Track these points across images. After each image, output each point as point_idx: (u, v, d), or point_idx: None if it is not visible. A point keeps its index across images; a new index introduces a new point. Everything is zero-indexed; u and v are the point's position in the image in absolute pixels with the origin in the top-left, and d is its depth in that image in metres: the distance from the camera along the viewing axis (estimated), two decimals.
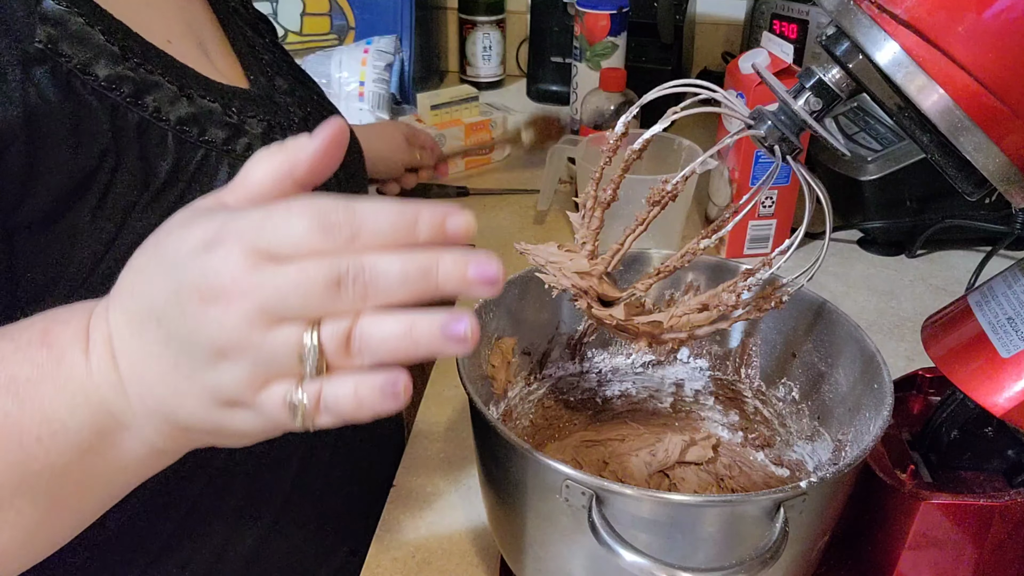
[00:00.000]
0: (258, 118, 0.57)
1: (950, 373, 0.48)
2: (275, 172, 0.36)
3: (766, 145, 0.46)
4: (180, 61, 0.53)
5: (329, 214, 0.32)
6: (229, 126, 0.54)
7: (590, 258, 0.49)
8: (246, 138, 0.55)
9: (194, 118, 0.52)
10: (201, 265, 0.33)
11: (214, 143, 0.52)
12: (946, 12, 0.37)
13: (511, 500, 0.48)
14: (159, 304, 0.35)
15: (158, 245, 0.37)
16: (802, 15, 1.19)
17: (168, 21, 0.56)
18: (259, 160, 0.37)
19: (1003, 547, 0.51)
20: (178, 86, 0.52)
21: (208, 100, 0.54)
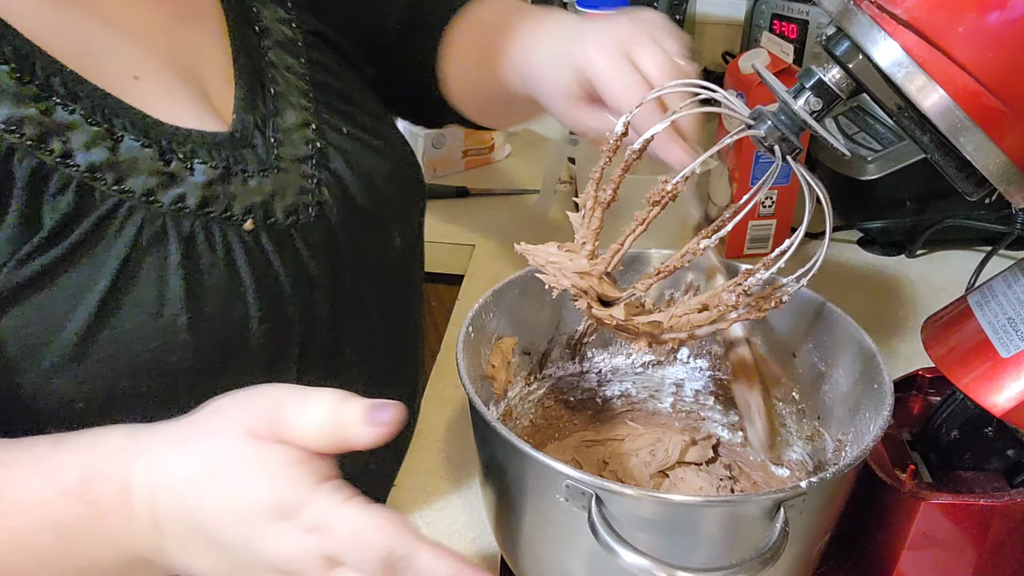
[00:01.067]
0: (211, 164, 0.52)
1: (950, 373, 0.48)
2: (326, 437, 0.40)
3: (766, 145, 0.46)
4: (124, 101, 0.50)
5: (395, 553, 0.38)
6: (160, 174, 0.50)
7: (590, 258, 0.49)
8: (180, 188, 0.50)
9: (113, 164, 0.48)
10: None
11: (131, 192, 0.48)
12: (946, 12, 0.37)
13: (511, 500, 0.48)
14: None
15: (216, 519, 0.40)
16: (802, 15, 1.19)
17: (144, 54, 0.53)
18: (315, 413, 0.40)
19: (1003, 547, 0.51)
20: (105, 128, 0.48)
21: (142, 144, 0.50)
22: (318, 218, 0.57)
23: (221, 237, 0.51)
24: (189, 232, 0.50)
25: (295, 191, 0.56)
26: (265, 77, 0.60)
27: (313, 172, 0.58)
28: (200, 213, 0.50)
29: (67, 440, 0.42)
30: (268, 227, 0.54)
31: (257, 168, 0.55)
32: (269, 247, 0.54)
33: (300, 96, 0.61)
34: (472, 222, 1.08)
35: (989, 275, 0.54)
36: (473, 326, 0.54)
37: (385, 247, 0.65)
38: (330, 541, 0.38)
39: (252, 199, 0.53)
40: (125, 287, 0.47)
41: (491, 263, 0.98)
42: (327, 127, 0.61)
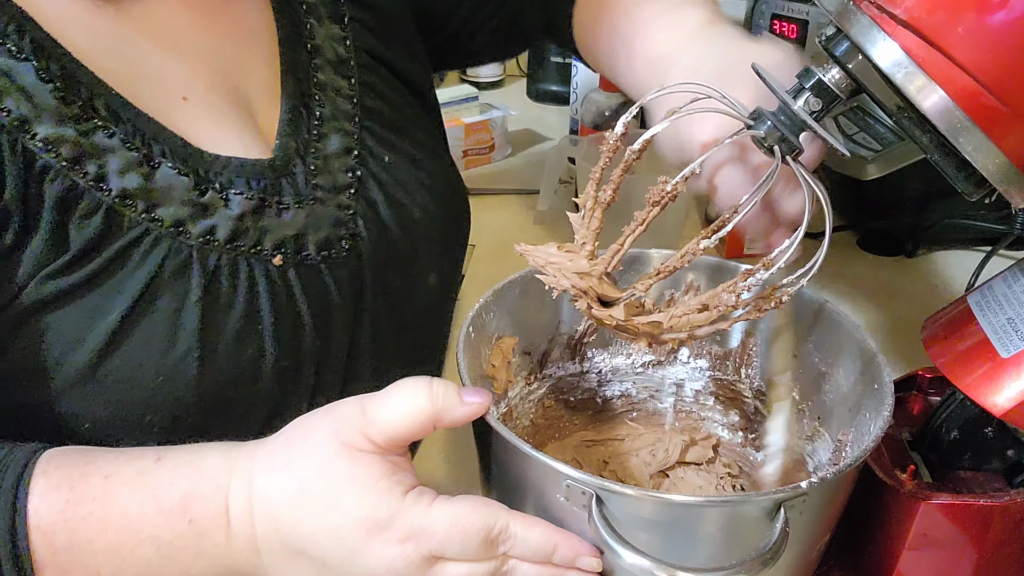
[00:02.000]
0: (247, 195, 0.51)
1: (950, 373, 0.48)
2: (412, 422, 0.42)
3: (766, 145, 0.46)
4: (166, 127, 0.49)
5: (492, 529, 0.42)
6: (193, 204, 0.49)
7: (590, 259, 0.49)
8: (211, 219, 0.49)
9: (145, 191, 0.47)
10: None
11: (159, 221, 0.48)
12: (945, 12, 0.37)
13: (511, 500, 0.48)
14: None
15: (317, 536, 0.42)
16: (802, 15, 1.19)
17: (194, 73, 0.53)
18: (403, 399, 0.42)
19: (1003, 547, 0.51)
20: (144, 154, 0.48)
21: (179, 172, 0.49)
22: (350, 252, 0.56)
23: (247, 273, 0.50)
24: (214, 266, 0.49)
25: (330, 223, 0.55)
26: (311, 99, 0.58)
27: (350, 203, 0.57)
28: (228, 247, 0.50)
29: (168, 457, 0.43)
30: (298, 262, 0.53)
31: (293, 200, 0.54)
32: (295, 282, 0.52)
33: (346, 120, 0.59)
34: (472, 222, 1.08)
35: (989, 275, 0.54)
36: (473, 326, 0.54)
37: (417, 285, 0.62)
38: (428, 542, 0.41)
39: (284, 232, 0.52)
40: (140, 318, 0.47)
41: (491, 263, 0.98)
42: (370, 155, 0.60)
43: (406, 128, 0.64)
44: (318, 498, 0.41)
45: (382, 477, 0.42)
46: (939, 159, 0.42)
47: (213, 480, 0.43)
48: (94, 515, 0.41)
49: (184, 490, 0.42)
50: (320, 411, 0.44)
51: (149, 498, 0.42)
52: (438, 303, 0.67)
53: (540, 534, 0.43)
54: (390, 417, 0.42)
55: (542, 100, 1.44)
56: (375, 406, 0.43)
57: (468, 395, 0.44)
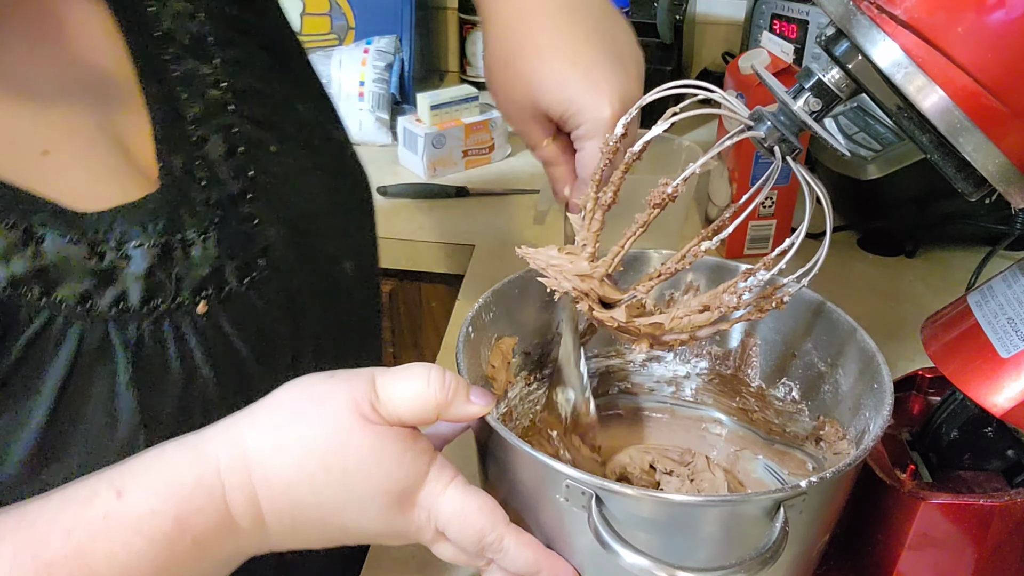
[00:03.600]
0: (147, 245, 0.45)
1: (950, 373, 0.48)
2: (420, 408, 0.43)
3: (766, 146, 0.46)
4: (41, 197, 0.42)
5: (487, 536, 0.44)
6: (94, 274, 0.43)
7: (591, 260, 0.49)
8: (118, 285, 0.43)
9: (37, 273, 0.41)
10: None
11: (62, 303, 0.41)
12: (945, 13, 0.37)
13: (511, 500, 0.48)
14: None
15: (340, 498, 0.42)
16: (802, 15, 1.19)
17: (47, 119, 0.45)
18: (414, 383, 0.43)
19: (1003, 547, 0.51)
20: (23, 229, 0.41)
21: (70, 240, 0.42)
22: (269, 267, 0.51)
23: (173, 332, 0.45)
24: (137, 338, 0.44)
25: (241, 243, 0.49)
26: (178, 101, 0.50)
27: (251, 211, 0.51)
28: (146, 311, 0.44)
29: (128, 485, 0.40)
30: (223, 300, 0.48)
31: (196, 231, 0.47)
32: (226, 322, 0.48)
33: (220, 114, 0.52)
34: (472, 222, 1.08)
35: (989, 275, 0.54)
36: (473, 326, 0.54)
37: (336, 276, 0.58)
38: (437, 517, 0.43)
39: (200, 272, 0.47)
40: (67, 417, 0.42)
41: (491, 263, 0.98)
42: (257, 149, 0.53)
43: (287, 106, 0.57)
44: (344, 471, 0.41)
45: (408, 449, 0.42)
46: (939, 159, 0.42)
47: (199, 488, 0.40)
48: (75, 574, 0.38)
49: (172, 512, 0.39)
50: (323, 378, 0.43)
51: (133, 536, 0.38)
52: (361, 290, 0.63)
53: (530, 555, 0.45)
54: (399, 398, 0.42)
55: None
56: (386, 383, 0.43)
57: (475, 395, 0.45)
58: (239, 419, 0.42)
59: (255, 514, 0.41)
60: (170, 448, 0.41)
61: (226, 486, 0.40)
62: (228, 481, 0.40)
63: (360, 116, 1.28)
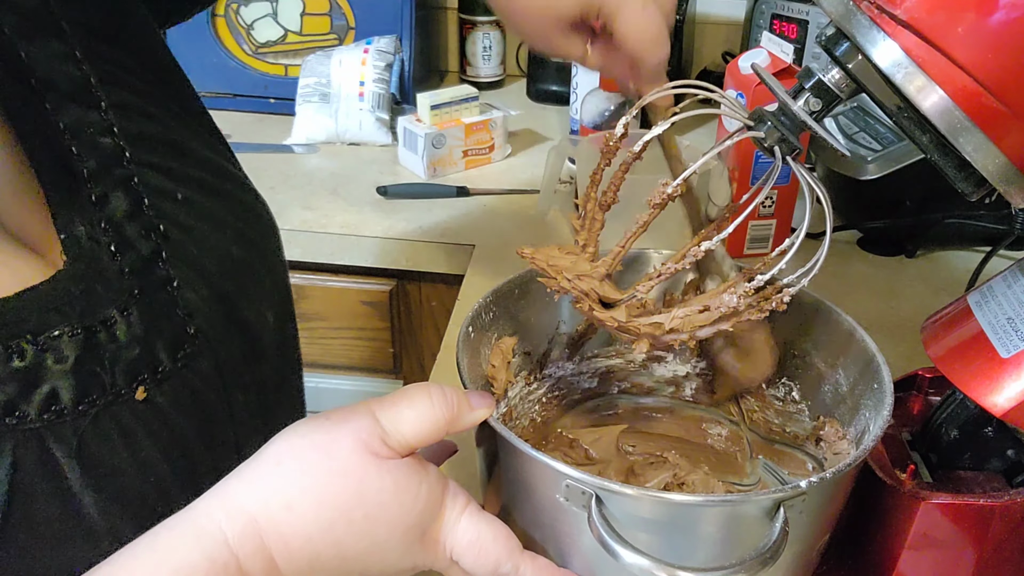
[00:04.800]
0: (68, 333, 0.40)
1: (950, 373, 0.48)
2: (431, 429, 0.42)
3: (765, 146, 0.46)
4: None
5: (502, 567, 0.43)
6: (15, 375, 0.38)
7: (591, 260, 0.49)
8: (45, 385, 0.38)
9: None
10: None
11: None
12: (945, 13, 0.37)
13: (511, 500, 0.48)
14: None
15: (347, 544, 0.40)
16: (802, 15, 1.19)
17: None
18: (419, 406, 0.42)
19: (1003, 547, 0.51)
20: None
21: None
22: (199, 335, 0.47)
23: (115, 427, 0.41)
24: (78, 441, 0.39)
25: (164, 313, 0.45)
26: (69, 156, 0.44)
27: (168, 272, 0.46)
28: (82, 409, 0.40)
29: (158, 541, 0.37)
30: (159, 382, 0.44)
31: (117, 307, 0.43)
32: (167, 404, 0.44)
33: (117, 165, 0.46)
34: (472, 222, 1.08)
35: (989, 275, 0.54)
36: (473, 326, 0.54)
37: (260, 335, 0.54)
38: (452, 546, 0.43)
39: (129, 355, 0.43)
40: (20, 539, 0.38)
41: (491, 263, 0.98)
42: (162, 200, 0.47)
43: (186, 146, 0.52)
44: (365, 518, 0.40)
45: (423, 481, 0.42)
46: (939, 159, 0.42)
47: (212, 567, 0.37)
48: None
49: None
50: (320, 423, 0.41)
51: None
52: (282, 339, 0.59)
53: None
54: (407, 425, 0.42)
55: (542, 100, 1.44)
56: (390, 414, 0.42)
57: (476, 400, 0.44)
58: (231, 486, 0.39)
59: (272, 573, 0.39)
60: (162, 534, 0.37)
61: (240, 557, 0.37)
62: (241, 552, 0.38)
63: (360, 116, 1.28)
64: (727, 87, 0.97)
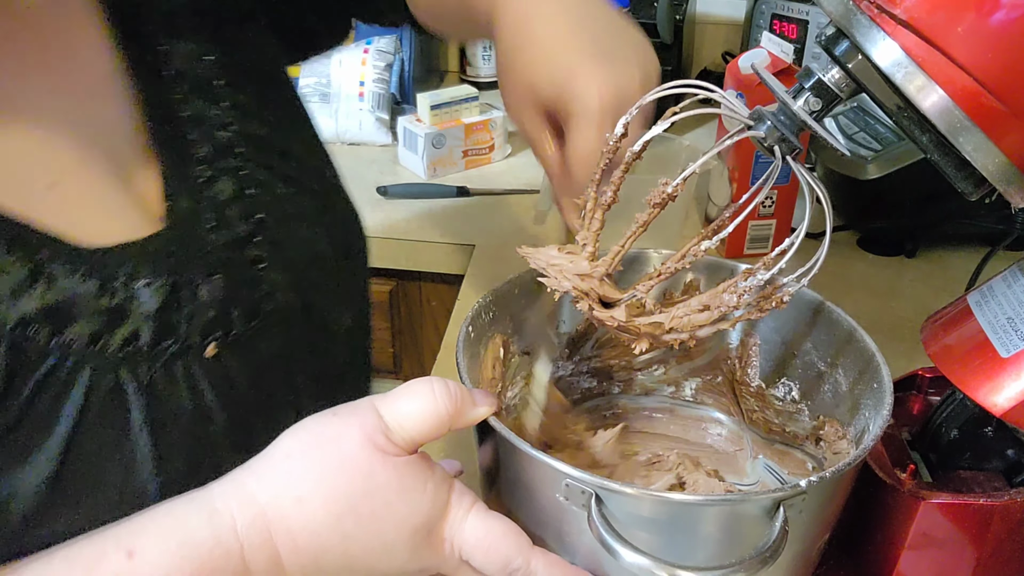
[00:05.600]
0: (157, 283, 0.44)
1: (950, 373, 0.48)
2: (433, 423, 0.42)
3: (765, 146, 0.46)
4: (49, 233, 0.41)
5: (511, 563, 0.43)
6: (104, 312, 0.41)
7: (591, 260, 0.49)
8: (129, 324, 0.42)
9: (47, 312, 0.39)
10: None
11: (73, 344, 0.40)
12: (945, 12, 0.37)
13: (511, 499, 0.48)
14: None
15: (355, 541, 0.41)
16: (802, 15, 1.19)
17: (59, 151, 0.44)
18: (422, 401, 0.42)
19: (1003, 547, 0.51)
20: (31, 267, 0.39)
21: (79, 276, 0.41)
22: (273, 313, 0.50)
23: (184, 374, 0.44)
24: (149, 379, 0.42)
25: (247, 285, 0.49)
26: (186, 141, 0.50)
27: (259, 254, 0.50)
28: (157, 352, 0.43)
29: (139, 546, 0.38)
30: (230, 344, 0.47)
31: (204, 271, 0.47)
32: (233, 367, 0.47)
33: (229, 156, 0.52)
34: (472, 222, 1.08)
35: (989, 275, 0.54)
36: (473, 326, 0.54)
37: (337, 326, 0.57)
38: (461, 545, 0.43)
39: (208, 314, 0.46)
40: (81, 460, 0.40)
41: (491, 263, 0.98)
42: (262, 191, 0.52)
43: (289, 150, 0.57)
44: (372, 514, 0.40)
45: (428, 479, 0.42)
46: (939, 159, 0.42)
47: (217, 548, 0.38)
48: None
49: (188, 573, 0.38)
50: (326, 418, 0.42)
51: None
52: (357, 339, 0.62)
53: (560, 575, 0.44)
54: (409, 419, 0.42)
55: None
56: (392, 409, 0.42)
57: (479, 397, 0.44)
58: (244, 476, 0.41)
59: (276, 571, 0.40)
60: (179, 506, 0.40)
61: (244, 546, 0.39)
62: (247, 541, 0.39)
63: (360, 116, 1.28)
64: (727, 87, 0.97)
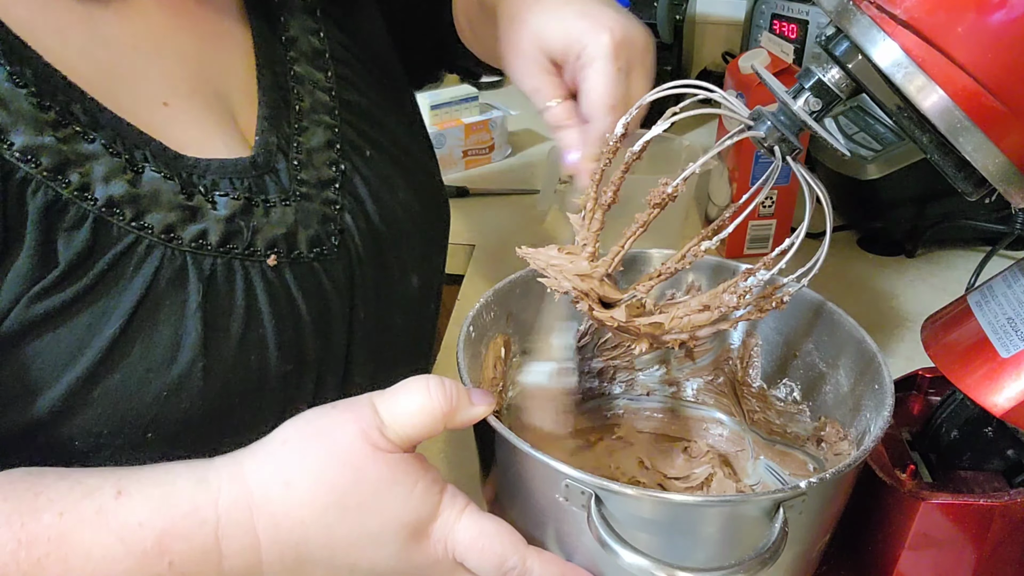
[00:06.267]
0: (232, 196, 0.49)
1: (950, 373, 0.48)
2: (428, 421, 0.42)
3: (766, 146, 0.46)
4: (146, 133, 0.47)
5: (507, 562, 0.43)
6: (182, 208, 0.47)
7: (591, 260, 0.49)
8: (201, 223, 0.47)
9: (132, 198, 0.45)
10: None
11: (149, 229, 0.45)
12: (945, 12, 0.37)
13: (511, 500, 0.48)
14: None
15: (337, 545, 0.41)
16: (802, 15, 1.19)
17: (172, 78, 0.51)
18: (416, 398, 0.42)
19: (1003, 547, 0.51)
20: (126, 159, 0.45)
21: (164, 176, 0.47)
22: (340, 248, 0.55)
23: (243, 275, 0.49)
24: (210, 272, 0.47)
25: (318, 219, 0.54)
26: (290, 94, 0.57)
27: (336, 198, 0.56)
28: (221, 250, 0.48)
29: (130, 489, 0.40)
30: (291, 260, 0.52)
31: (279, 197, 0.52)
32: (292, 282, 0.51)
33: (325, 113, 0.58)
34: (472, 222, 1.08)
35: (989, 275, 0.54)
36: (473, 326, 0.54)
37: (401, 285, 0.61)
38: (454, 547, 0.43)
39: (275, 231, 0.51)
40: (138, 333, 0.44)
41: (491, 263, 0.98)
42: (351, 149, 0.58)
43: (385, 123, 0.62)
44: (359, 506, 0.40)
45: (420, 478, 0.42)
46: (939, 159, 0.42)
47: (193, 515, 0.39)
48: (51, 557, 0.37)
49: (158, 530, 0.39)
50: (325, 411, 0.43)
51: (114, 541, 0.38)
52: (421, 306, 0.65)
53: (556, 572, 0.44)
54: (405, 417, 0.42)
55: None
56: (388, 405, 0.42)
57: (476, 397, 0.44)
58: (244, 455, 0.42)
59: (251, 555, 0.40)
60: (180, 466, 0.41)
61: (222, 521, 0.40)
62: (226, 517, 0.40)
63: None
64: (727, 87, 0.97)
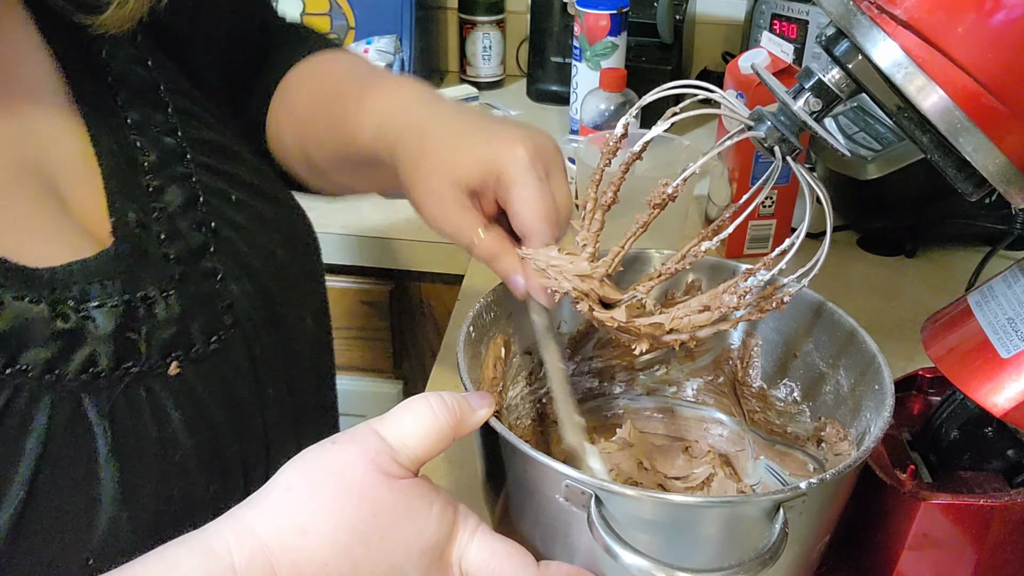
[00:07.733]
0: (109, 303, 0.43)
1: (950, 373, 0.48)
2: (437, 438, 0.42)
3: (766, 146, 0.46)
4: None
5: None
6: (59, 336, 0.40)
7: (591, 260, 0.49)
8: (85, 348, 0.41)
9: (1, 339, 0.38)
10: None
11: (29, 372, 0.38)
12: (945, 13, 0.37)
13: (511, 500, 0.48)
14: None
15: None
16: (802, 15, 1.19)
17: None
18: (422, 418, 0.41)
19: (1003, 547, 0.51)
20: None
21: (28, 300, 0.39)
22: (235, 327, 0.49)
23: (148, 398, 0.43)
24: (111, 405, 0.41)
25: (202, 301, 0.48)
26: (132, 148, 0.48)
27: (213, 266, 0.49)
28: (117, 376, 0.42)
29: None
30: (192, 361, 0.46)
31: (157, 288, 0.45)
32: (199, 386, 0.46)
33: (177, 163, 0.50)
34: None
35: (989, 275, 0.54)
36: (473, 326, 0.54)
37: (301, 332, 0.56)
38: (467, 570, 0.42)
39: (166, 332, 0.45)
40: (47, 496, 0.39)
41: None
42: (215, 198, 0.51)
43: (240, 153, 0.56)
44: (381, 540, 0.39)
45: (434, 501, 0.41)
46: (939, 159, 0.42)
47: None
48: None
49: None
50: (324, 447, 0.40)
51: None
52: (320, 343, 0.61)
53: None
54: (416, 439, 0.41)
55: (542, 100, 1.44)
56: (394, 430, 0.41)
57: (475, 400, 0.44)
58: (242, 512, 0.39)
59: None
60: (172, 548, 0.38)
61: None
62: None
63: None
64: (727, 87, 0.97)
